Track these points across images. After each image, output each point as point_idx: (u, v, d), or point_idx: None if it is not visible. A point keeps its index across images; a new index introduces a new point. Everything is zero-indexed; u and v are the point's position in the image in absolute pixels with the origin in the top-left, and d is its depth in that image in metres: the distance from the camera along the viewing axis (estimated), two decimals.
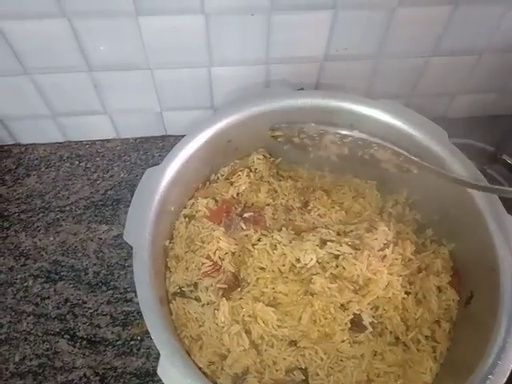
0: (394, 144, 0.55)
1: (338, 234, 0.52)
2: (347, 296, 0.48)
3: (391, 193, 0.62)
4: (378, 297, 0.49)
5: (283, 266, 0.49)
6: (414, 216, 0.60)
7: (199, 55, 0.64)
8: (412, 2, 0.60)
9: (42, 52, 0.61)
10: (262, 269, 0.50)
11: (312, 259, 0.49)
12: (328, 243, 0.50)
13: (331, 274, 0.49)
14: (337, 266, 0.49)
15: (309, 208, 0.57)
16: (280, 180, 0.60)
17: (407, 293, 0.51)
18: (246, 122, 0.55)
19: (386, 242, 0.51)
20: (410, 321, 0.50)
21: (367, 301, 0.48)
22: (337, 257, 0.49)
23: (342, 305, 0.49)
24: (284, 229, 0.53)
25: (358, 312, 0.48)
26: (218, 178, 0.60)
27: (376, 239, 0.50)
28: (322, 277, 0.48)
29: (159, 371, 0.40)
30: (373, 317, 0.49)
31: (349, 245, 0.49)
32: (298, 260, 0.49)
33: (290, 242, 0.50)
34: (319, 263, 0.49)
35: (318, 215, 0.56)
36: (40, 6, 0.55)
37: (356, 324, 0.48)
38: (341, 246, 0.49)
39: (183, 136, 0.54)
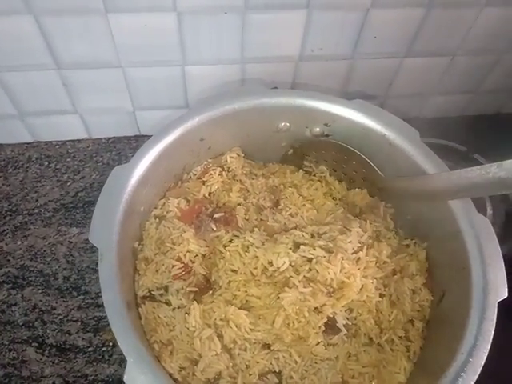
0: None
1: (312, 235, 0.51)
2: (321, 300, 0.47)
3: None
4: (352, 300, 0.48)
5: (255, 268, 0.49)
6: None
7: (172, 54, 0.63)
8: (385, 3, 0.60)
9: (7, 49, 0.59)
10: (233, 271, 0.49)
11: (285, 262, 0.48)
12: (301, 246, 0.49)
13: (304, 277, 0.48)
14: (310, 270, 0.48)
15: (280, 207, 0.57)
16: (252, 179, 0.60)
17: (382, 295, 0.51)
18: (219, 120, 0.55)
19: (359, 244, 0.50)
20: (384, 323, 0.50)
21: (341, 304, 0.48)
22: (310, 260, 0.49)
23: (315, 308, 0.48)
24: (256, 230, 0.52)
25: (331, 315, 0.48)
26: (190, 177, 0.59)
27: (350, 242, 0.49)
28: (296, 280, 0.47)
29: (126, 379, 0.39)
30: (347, 319, 0.49)
31: (322, 248, 0.49)
32: (271, 263, 0.48)
33: (263, 244, 0.49)
34: (292, 266, 0.48)
35: (290, 215, 0.56)
36: (5, 3, 0.53)
37: (330, 326, 0.48)
38: (314, 249, 0.49)
39: None
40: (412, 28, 0.65)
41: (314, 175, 0.63)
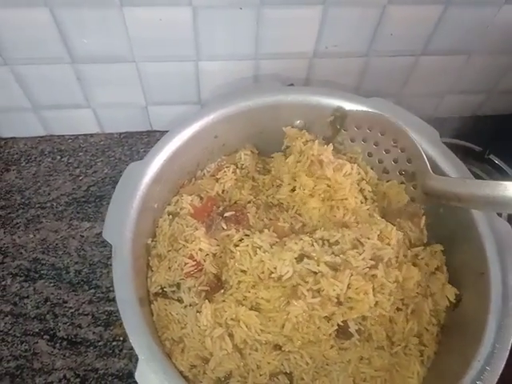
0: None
1: (323, 243, 0.48)
2: (330, 310, 0.45)
3: None
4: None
5: (262, 273, 0.47)
6: None
7: (186, 49, 0.63)
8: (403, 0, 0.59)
9: (22, 42, 0.59)
10: (243, 271, 0.48)
11: (288, 271, 0.46)
12: (305, 259, 0.46)
13: (312, 288, 0.46)
14: (316, 281, 0.46)
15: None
16: (265, 175, 0.59)
17: (399, 309, 0.49)
18: (233, 118, 0.54)
19: (374, 257, 0.46)
20: (397, 335, 0.49)
21: (352, 316, 0.46)
22: (315, 273, 0.46)
23: (325, 316, 0.46)
24: (266, 230, 0.50)
25: (342, 324, 0.46)
26: (203, 174, 0.59)
27: (363, 259, 0.46)
28: (304, 289, 0.45)
29: (137, 376, 0.39)
30: (360, 324, 0.47)
31: (328, 265, 0.46)
32: (276, 269, 0.47)
33: (271, 247, 0.48)
34: (298, 275, 0.46)
35: (297, 213, 0.54)
36: None
37: (342, 331, 0.47)
38: (318, 265, 0.46)
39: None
40: (429, 26, 0.64)
41: (344, 154, 0.58)
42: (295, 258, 0.46)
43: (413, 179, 0.52)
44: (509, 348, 0.41)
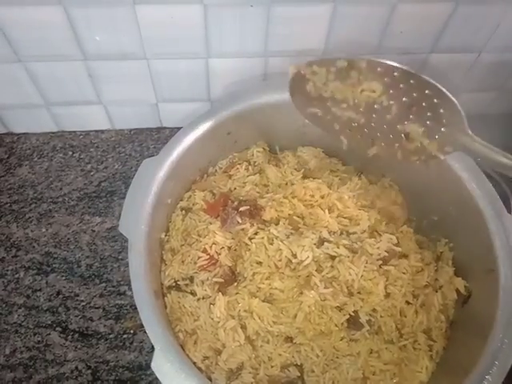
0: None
1: (341, 233, 0.51)
2: (341, 300, 0.47)
3: None
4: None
5: (279, 261, 0.49)
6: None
7: (197, 46, 0.63)
8: None
9: (36, 40, 0.60)
10: (258, 263, 0.49)
11: (308, 257, 0.48)
12: (325, 243, 0.49)
13: (326, 275, 0.48)
14: (332, 268, 0.48)
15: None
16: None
17: (408, 302, 0.50)
18: (245, 115, 0.55)
19: (388, 250, 0.49)
20: (406, 328, 0.50)
21: (364, 309, 0.48)
22: (333, 258, 0.48)
23: (337, 306, 0.48)
24: (281, 223, 0.52)
25: (353, 314, 0.48)
26: (215, 170, 0.60)
27: (378, 248, 0.49)
28: (317, 280, 0.47)
29: (153, 366, 0.40)
30: (370, 315, 0.48)
31: (346, 247, 0.48)
32: (295, 255, 0.48)
33: (288, 237, 0.49)
34: (315, 262, 0.48)
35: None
36: None
37: (353, 322, 0.48)
38: (338, 247, 0.48)
39: (179, 128, 0.54)
40: (439, 23, 0.64)
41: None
42: (314, 244, 0.48)
43: (439, 131, 0.44)
44: None
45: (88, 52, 0.62)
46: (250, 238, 0.51)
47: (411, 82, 0.44)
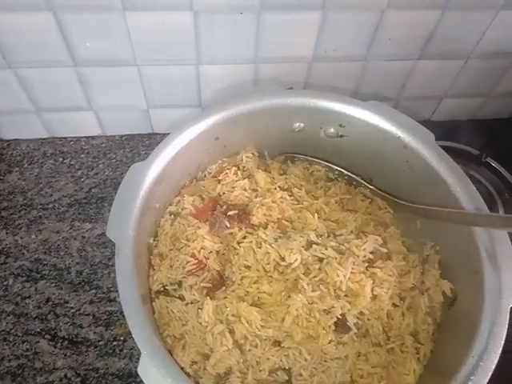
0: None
1: (328, 235, 0.51)
2: (328, 303, 0.47)
3: None
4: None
5: (268, 264, 0.49)
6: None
7: (187, 53, 0.64)
8: (401, 4, 0.60)
9: (26, 45, 0.60)
10: (247, 267, 0.50)
11: (297, 259, 0.48)
12: (313, 246, 0.49)
13: (314, 278, 0.48)
14: (320, 270, 0.48)
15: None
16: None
17: (395, 305, 0.50)
18: (234, 120, 0.55)
19: (375, 251, 0.50)
20: (393, 330, 0.50)
21: (352, 312, 0.48)
22: (321, 260, 0.49)
23: (324, 309, 0.48)
24: (270, 227, 0.52)
25: (340, 317, 0.48)
26: (205, 175, 0.60)
27: (364, 249, 0.49)
28: (304, 283, 0.47)
29: (140, 370, 0.39)
30: (357, 318, 0.49)
31: (334, 249, 0.49)
32: (283, 259, 0.49)
33: (276, 241, 0.50)
34: (303, 264, 0.49)
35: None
36: None
37: (341, 325, 0.48)
38: (326, 249, 0.49)
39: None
40: (427, 30, 0.65)
41: None
42: (302, 247, 0.48)
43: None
44: (501, 344, 0.42)
45: (79, 58, 0.63)
46: (239, 242, 0.51)
47: None
